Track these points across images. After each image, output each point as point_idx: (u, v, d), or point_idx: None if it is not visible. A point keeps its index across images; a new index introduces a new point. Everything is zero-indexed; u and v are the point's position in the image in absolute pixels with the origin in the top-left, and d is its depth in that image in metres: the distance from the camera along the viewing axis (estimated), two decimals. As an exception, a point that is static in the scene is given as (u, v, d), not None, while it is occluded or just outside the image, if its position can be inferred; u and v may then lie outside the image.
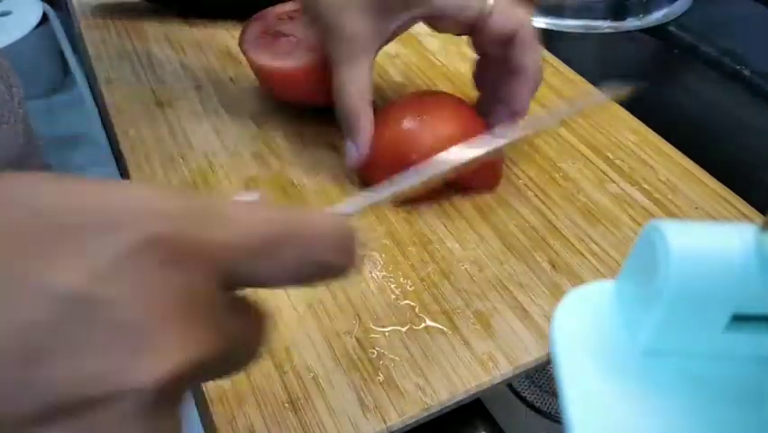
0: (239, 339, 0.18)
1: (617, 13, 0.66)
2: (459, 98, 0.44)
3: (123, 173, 0.46)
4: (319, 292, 0.37)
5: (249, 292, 0.19)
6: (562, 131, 0.49)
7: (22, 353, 0.14)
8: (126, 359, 0.14)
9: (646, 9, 0.66)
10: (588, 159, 0.47)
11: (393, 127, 0.41)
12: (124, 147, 0.47)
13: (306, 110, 0.49)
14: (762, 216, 0.42)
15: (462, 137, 0.33)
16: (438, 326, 0.36)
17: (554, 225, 0.41)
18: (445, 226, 0.41)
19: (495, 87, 0.42)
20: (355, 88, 0.40)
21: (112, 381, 0.14)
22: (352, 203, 0.23)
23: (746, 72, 0.57)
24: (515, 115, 0.40)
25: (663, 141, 0.48)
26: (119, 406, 0.14)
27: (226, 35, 0.59)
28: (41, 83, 1.99)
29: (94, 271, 0.14)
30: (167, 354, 0.15)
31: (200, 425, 0.34)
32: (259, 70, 0.48)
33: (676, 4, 0.68)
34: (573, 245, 0.40)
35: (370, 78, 0.40)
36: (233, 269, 0.17)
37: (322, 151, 0.47)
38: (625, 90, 0.38)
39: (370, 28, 0.38)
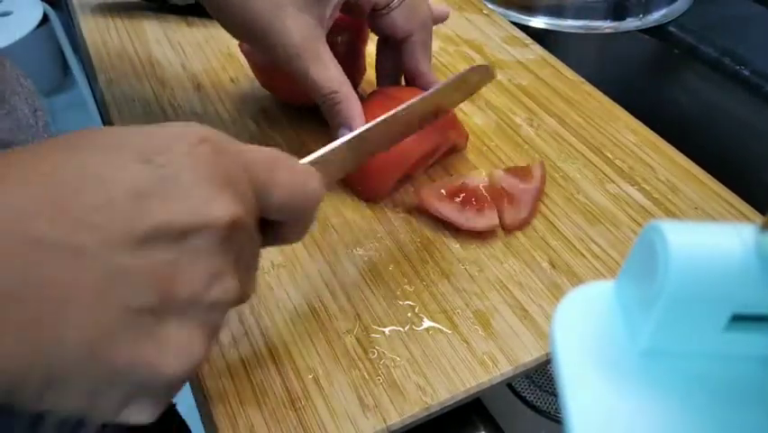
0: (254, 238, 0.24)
1: (617, 13, 0.66)
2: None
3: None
4: (319, 292, 0.37)
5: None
6: (562, 131, 0.49)
7: (134, 193, 0.19)
8: (205, 202, 0.21)
9: (646, 9, 0.67)
10: (588, 159, 0.47)
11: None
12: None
13: (306, 110, 0.49)
14: (762, 216, 0.42)
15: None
16: (438, 326, 0.36)
17: (554, 225, 0.41)
18: (445, 226, 0.41)
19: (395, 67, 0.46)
20: (336, 80, 0.39)
21: (197, 214, 0.20)
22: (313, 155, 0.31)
23: (746, 72, 0.57)
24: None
25: (663, 141, 0.48)
26: (201, 236, 0.20)
27: (226, 35, 0.58)
28: (41, 83, 1.99)
29: (174, 152, 0.21)
30: (229, 204, 0.21)
31: (201, 424, 0.34)
32: (258, 70, 0.48)
33: (676, 4, 0.68)
34: (573, 245, 0.40)
35: (338, 65, 0.39)
36: (254, 174, 0.24)
37: (322, 151, 0.47)
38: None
39: (313, 21, 0.37)
